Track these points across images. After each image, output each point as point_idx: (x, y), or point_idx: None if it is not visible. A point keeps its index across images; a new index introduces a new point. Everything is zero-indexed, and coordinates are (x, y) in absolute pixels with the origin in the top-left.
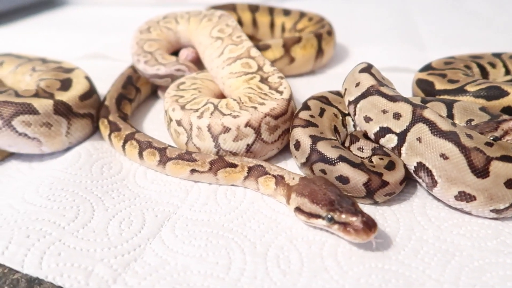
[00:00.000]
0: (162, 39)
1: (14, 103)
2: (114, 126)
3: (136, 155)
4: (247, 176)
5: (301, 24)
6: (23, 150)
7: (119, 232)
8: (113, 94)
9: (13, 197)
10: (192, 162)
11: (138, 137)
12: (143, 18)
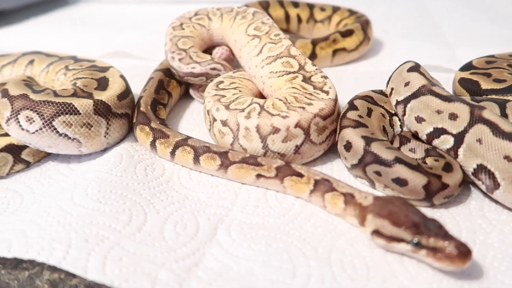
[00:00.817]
0: (195, 36)
1: (55, 103)
2: (159, 133)
3: (189, 160)
4: (313, 190)
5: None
6: (62, 151)
7: (176, 236)
8: (146, 100)
9: (61, 199)
10: (258, 166)
11: (192, 143)
12: (158, 15)
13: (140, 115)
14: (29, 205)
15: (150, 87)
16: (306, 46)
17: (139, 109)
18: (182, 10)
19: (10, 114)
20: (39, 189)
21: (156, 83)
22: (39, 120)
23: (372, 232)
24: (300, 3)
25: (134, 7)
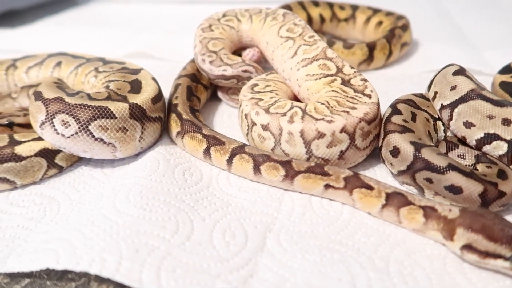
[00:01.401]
0: (225, 38)
1: (91, 107)
2: (213, 139)
3: (249, 170)
4: (385, 204)
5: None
6: (97, 155)
7: (226, 245)
8: (184, 107)
9: (104, 207)
10: (325, 176)
11: (250, 151)
12: (172, 15)
13: (186, 123)
14: (67, 212)
15: (181, 95)
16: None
17: (181, 117)
18: (194, 10)
19: (44, 118)
20: (75, 195)
21: (185, 90)
22: (75, 124)
23: (462, 247)
24: (320, 2)
25: (145, 7)
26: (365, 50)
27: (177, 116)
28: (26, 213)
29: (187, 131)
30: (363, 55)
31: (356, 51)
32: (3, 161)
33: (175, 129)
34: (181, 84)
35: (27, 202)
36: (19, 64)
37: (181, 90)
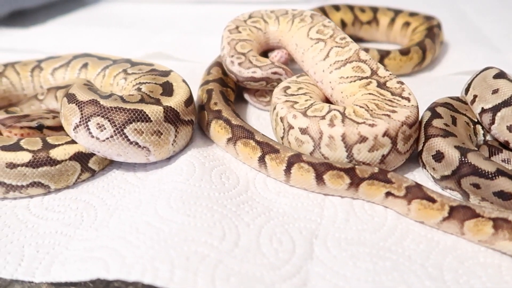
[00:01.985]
0: (252, 39)
1: (126, 110)
2: (267, 147)
3: (311, 181)
4: (448, 217)
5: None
6: (131, 159)
7: (275, 252)
8: (230, 113)
9: (146, 214)
10: (388, 184)
11: (309, 159)
12: (185, 15)
13: (237, 128)
14: (106, 218)
15: (220, 100)
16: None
17: (230, 122)
18: (206, 10)
19: (79, 121)
20: (111, 200)
21: (220, 95)
22: (110, 127)
23: None
24: (341, 6)
25: (154, 7)
26: (420, 53)
27: (225, 122)
28: (63, 219)
29: (239, 137)
30: (418, 58)
31: (413, 55)
32: (38, 165)
33: (224, 135)
34: (213, 89)
35: (63, 207)
36: (44, 65)
37: (217, 96)
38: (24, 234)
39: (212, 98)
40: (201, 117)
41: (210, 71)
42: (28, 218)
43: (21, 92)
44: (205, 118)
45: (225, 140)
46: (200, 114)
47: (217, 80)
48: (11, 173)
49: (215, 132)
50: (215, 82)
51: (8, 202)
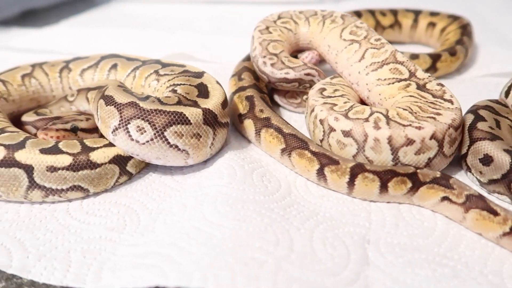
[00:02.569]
0: (283, 40)
1: (166, 112)
2: (324, 158)
3: (375, 190)
4: (509, 232)
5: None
6: (169, 162)
7: (330, 257)
8: (280, 120)
9: (194, 219)
10: (449, 189)
11: (372, 168)
12: (200, 15)
13: (290, 137)
14: (150, 223)
15: (265, 107)
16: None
17: (281, 131)
18: (220, 10)
19: (118, 123)
20: (151, 204)
21: (263, 101)
22: (150, 130)
23: None
24: (362, 12)
25: (167, 7)
26: (463, 51)
27: (277, 131)
28: (105, 223)
29: (294, 147)
30: (464, 57)
31: (459, 55)
32: (78, 168)
33: (277, 146)
34: (253, 95)
35: (103, 211)
36: (72, 66)
37: (260, 102)
38: (68, 239)
39: (256, 105)
40: (245, 127)
41: (242, 76)
42: (70, 223)
43: (50, 94)
44: (252, 127)
45: (279, 151)
46: (242, 123)
47: (252, 86)
48: (51, 177)
49: (267, 143)
50: (252, 88)
51: (47, 206)
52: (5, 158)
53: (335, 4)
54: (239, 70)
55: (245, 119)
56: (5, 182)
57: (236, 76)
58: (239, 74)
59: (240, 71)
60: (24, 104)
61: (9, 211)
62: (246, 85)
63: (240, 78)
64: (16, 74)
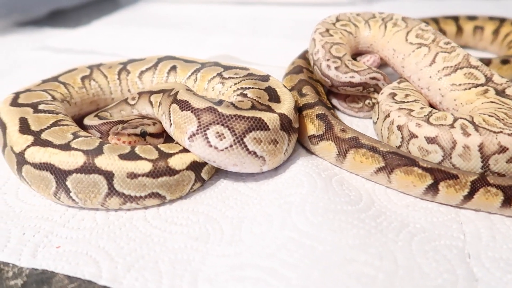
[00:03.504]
0: (345, 43)
1: (246, 118)
2: (440, 173)
3: (496, 203)
4: None
5: None
6: (246, 169)
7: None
8: (368, 137)
9: (285, 228)
10: None
11: (497, 182)
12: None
13: (392, 156)
14: (235, 232)
15: (346, 125)
16: None
17: (376, 149)
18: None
19: (196, 129)
20: (230, 212)
21: (336, 119)
22: (230, 136)
23: None
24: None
25: (197, 7)
26: None
27: (371, 150)
28: (188, 232)
29: (398, 165)
30: None
31: None
32: (158, 175)
33: (372, 165)
34: (326, 114)
35: (183, 220)
36: (130, 68)
37: (337, 121)
38: (153, 249)
39: (334, 125)
40: (322, 148)
41: (303, 91)
42: (151, 231)
43: (109, 96)
44: (333, 149)
45: (372, 170)
46: (317, 144)
47: (319, 102)
48: (131, 184)
49: (356, 163)
50: (320, 105)
51: (123, 213)
52: (85, 164)
53: (368, 5)
54: (298, 83)
55: (321, 140)
56: (84, 188)
57: (296, 91)
58: (299, 88)
59: (299, 85)
60: (84, 107)
61: (85, 218)
62: (312, 102)
63: (302, 93)
64: (76, 76)
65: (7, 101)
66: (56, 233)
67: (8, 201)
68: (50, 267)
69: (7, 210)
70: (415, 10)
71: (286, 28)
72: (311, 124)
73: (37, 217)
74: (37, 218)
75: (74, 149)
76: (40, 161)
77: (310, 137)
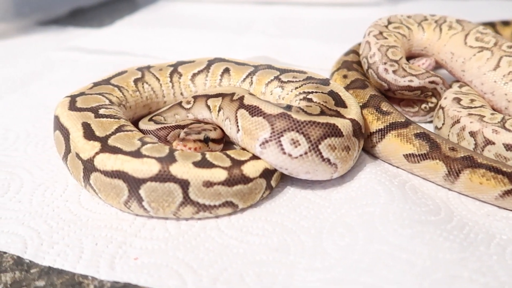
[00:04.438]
0: (399, 46)
1: (320, 124)
2: None
3: None
4: None
5: None
6: (317, 177)
7: None
8: (484, 156)
9: (374, 241)
10: None
11: None
12: (259, 16)
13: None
14: (316, 243)
15: (455, 144)
16: None
17: (499, 170)
18: (278, 12)
19: (269, 136)
20: (305, 222)
21: (440, 136)
22: (305, 143)
23: None
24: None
25: (220, 7)
26: None
27: (493, 171)
28: (266, 243)
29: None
30: None
31: None
32: (233, 183)
33: (496, 187)
34: (425, 132)
35: (258, 229)
36: (181, 70)
37: (442, 139)
38: (235, 261)
39: (441, 144)
40: (426, 167)
41: (382, 108)
42: (228, 242)
43: (162, 99)
44: (441, 168)
45: (497, 193)
46: (418, 163)
47: (409, 120)
48: (206, 192)
49: (473, 185)
50: (414, 124)
51: (195, 222)
52: (159, 172)
53: (392, 6)
54: (370, 99)
55: (424, 159)
56: (158, 197)
57: (372, 107)
58: (376, 105)
59: (373, 101)
60: (138, 111)
61: (156, 228)
62: (402, 120)
63: (383, 111)
64: (128, 79)
65: (64, 105)
66: (130, 244)
67: (72, 209)
68: (133, 280)
69: (74, 219)
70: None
71: (315, 28)
72: (408, 144)
73: (105, 226)
74: (106, 228)
75: (146, 156)
76: (112, 168)
77: (407, 156)
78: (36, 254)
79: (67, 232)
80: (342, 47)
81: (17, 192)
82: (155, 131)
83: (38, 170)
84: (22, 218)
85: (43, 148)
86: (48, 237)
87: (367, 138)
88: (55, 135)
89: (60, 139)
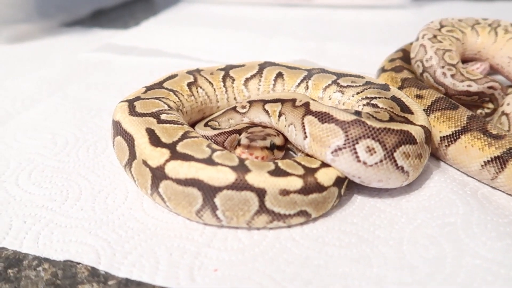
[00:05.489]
0: (454, 49)
1: (396, 131)
2: None
3: None
4: None
5: None
6: (388, 185)
7: None
8: None
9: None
10: None
11: None
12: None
13: None
14: (398, 255)
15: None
16: None
17: None
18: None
19: (343, 143)
20: (381, 232)
21: None
22: (381, 151)
23: None
24: None
25: (238, 9)
26: None
27: None
28: (346, 254)
29: None
30: None
31: None
32: (309, 191)
33: None
34: None
35: (334, 240)
36: (233, 75)
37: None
38: (318, 273)
39: None
40: None
41: (490, 131)
42: (307, 253)
43: (215, 104)
44: None
45: None
46: None
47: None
48: (282, 201)
49: None
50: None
51: (267, 232)
52: (236, 181)
53: (418, 8)
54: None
55: None
56: (233, 206)
57: (478, 132)
58: (481, 128)
59: (475, 124)
60: (193, 116)
61: (228, 238)
62: (502, 134)
63: (490, 134)
64: (181, 83)
65: (123, 110)
66: (205, 254)
67: (138, 218)
68: None
69: (142, 228)
70: (467, 13)
71: (343, 31)
72: None
73: (175, 235)
74: (177, 237)
75: (220, 164)
76: (185, 176)
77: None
78: (111, 265)
79: (138, 241)
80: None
81: (78, 200)
82: (213, 137)
83: (95, 176)
84: (88, 226)
85: (94, 153)
86: (120, 247)
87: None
88: (116, 141)
89: (122, 146)
